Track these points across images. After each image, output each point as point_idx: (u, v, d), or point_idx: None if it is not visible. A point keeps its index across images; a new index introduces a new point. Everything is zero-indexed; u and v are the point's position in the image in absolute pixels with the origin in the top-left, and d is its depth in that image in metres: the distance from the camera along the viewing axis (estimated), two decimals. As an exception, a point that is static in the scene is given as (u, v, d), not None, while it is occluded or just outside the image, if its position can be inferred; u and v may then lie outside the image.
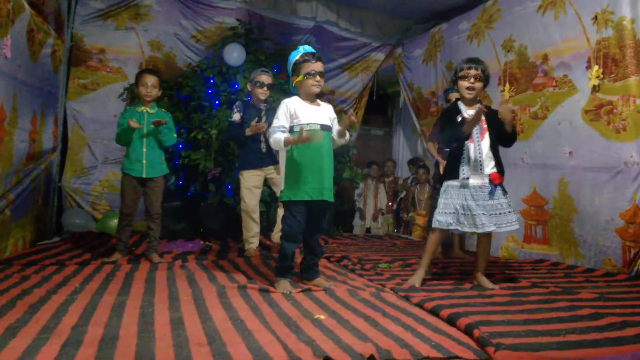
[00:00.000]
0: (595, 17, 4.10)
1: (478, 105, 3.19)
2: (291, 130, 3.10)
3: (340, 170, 5.84)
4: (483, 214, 3.15)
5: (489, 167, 3.22)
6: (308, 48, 3.16)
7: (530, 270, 4.04)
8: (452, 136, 3.28)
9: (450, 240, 4.73)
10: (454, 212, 3.19)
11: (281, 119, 3.11)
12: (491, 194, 3.19)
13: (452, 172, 3.27)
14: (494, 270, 3.86)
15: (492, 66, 5.17)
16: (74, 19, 5.61)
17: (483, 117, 3.22)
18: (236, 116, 4.20)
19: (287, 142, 3.03)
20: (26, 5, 3.96)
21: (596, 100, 4.10)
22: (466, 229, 3.20)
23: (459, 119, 3.23)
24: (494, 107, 3.41)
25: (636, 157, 3.80)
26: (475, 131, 3.21)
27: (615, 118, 3.94)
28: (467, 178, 3.20)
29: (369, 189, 7.05)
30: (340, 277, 3.54)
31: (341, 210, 6.94)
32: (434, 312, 2.56)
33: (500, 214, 3.19)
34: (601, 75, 4.04)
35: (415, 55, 6.65)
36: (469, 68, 3.22)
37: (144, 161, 3.94)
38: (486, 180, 3.20)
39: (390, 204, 7.08)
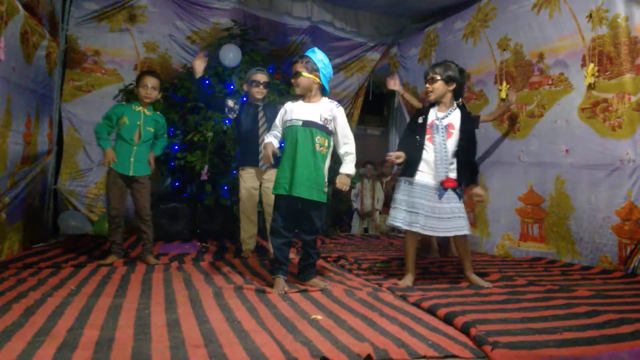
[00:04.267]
0: (590, 15, 4.10)
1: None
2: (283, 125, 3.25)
3: (337, 170, 5.82)
4: (432, 216, 3.18)
5: (449, 169, 3.22)
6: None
7: (527, 268, 4.04)
8: (408, 135, 3.41)
9: (446, 240, 4.73)
10: (408, 210, 3.23)
11: (276, 122, 3.28)
12: (440, 196, 3.20)
13: (408, 169, 3.29)
14: (491, 269, 3.87)
15: (488, 65, 5.19)
16: (69, 21, 5.59)
17: (452, 120, 3.27)
18: (230, 102, 4.22)
19: (265, 147, 3.19)
20: (20, 7, 3.95)
21: (592, 98, 4.10)
22: (417, 229, 3.20)
23: (420, 120, 3.34)
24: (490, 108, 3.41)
25: (632, 154, 3.80)
26: (442, 130, 3.25)
27: (610, 115, 3.95)
28: (421, 177, 3.24)
29: (366, 189, 7.05)
30: (337, 277, 3.53)
31: (338, 210, 6.94)
32: (431, 311, 2.56)
33: (449, 218, 3.20)
34: (596, 73, 4.04)
35: (411, 55, 6.65)
36: (427, 73, 3.36)
37: (132, 159, 3.94)
38: (438, 182, 3.22)
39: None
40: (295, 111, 3.17)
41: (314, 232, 3.22)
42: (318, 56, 3.19)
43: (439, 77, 3.28)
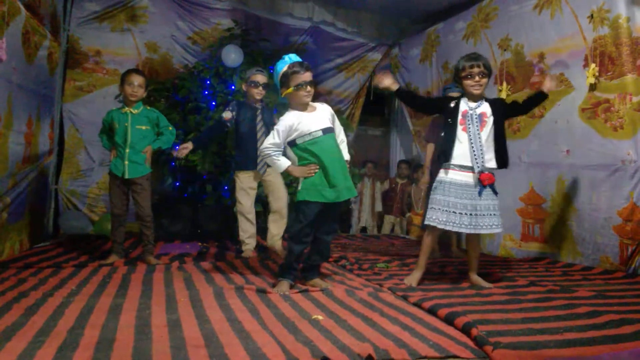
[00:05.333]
0: (592, 16, 4.10)
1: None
2: (293, 143, 3.09)
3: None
4: (470, 214, 3.15)
5: (486, 160, 3.18)
6: (294, 57, 3.12)
7: (527, 268, 4.04)
8: (446, 130, 3.30)
9: (447, 239, 4.73)
10: (446, 210, 3.19)
11: (275, 137, 3.05)
12: (480, 194, 3.17)
13: (443, 161, 3.26)
14: (492, 269, 3.87)
15: (489, 65, 5.18)
16: (70, 21, 5.59)
17: (485, 110, 3.23)
18: (227, 114, 4.19)
19: (290, 172, 3.08)
20: (22, 7, 3.95)
21: (593, 99, 4.10)
22: (456, 228, 3.19)
23: (452, 105, 3.27)
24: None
25: (633, 154, 3.80)
26: (475, 121, 3.19)
27: (612, 116, 3.95)
28: (457, 171, 3.20)
29: (366, 188, 7.04)
30: (338, 277, 3.53)
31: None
32: (432, 311, 2.55)
33: (483, 215, 3.17)
34: (598, 74, 4.04)
35: (412, 55, 6.65)
36: (472, 67, 3.21)
37: (126, 162, 3.92)
38: (475, 179, 3.18)
39: (397, 206, 7.05)
40: (307, 124, 3.06)
41: (334, 231, 3.24)
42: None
43: (487, 72, 3.22)
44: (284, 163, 3.06)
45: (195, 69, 5.96)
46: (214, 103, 5.57)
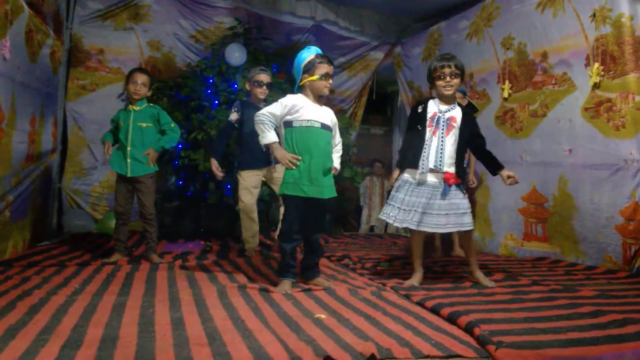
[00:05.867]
0: (594, 14, 4.09)
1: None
2: (290, 124, 3.09)
3: (340, 169, 5.83)
4: (429, 212, 3.14)
5: (446, 165, 3.19)
6: (318, 49, 3.17)
7: (530, 268, 4.03)
8: (410, 129, 3.35)
9: (449, 239, 4.73)
10: (404, 209, 3.20)
11: (276, 108, 3.08)
12: (444, 194, 3.16)
13: (411, 163, 3.26)
14: (494, 269, 3.86)
15: (492, 64, 5.18)
16: (73, 20, 5.60)
17: (454, 114, 3.24)
18: (233, 116, 4.19)
19: (271, 149, 3.06)
20: (25, 6, 3.96)
21: (595, 98, 4.09)
22: (410, 226, 3.18)
23: (419, 110, 3.29)
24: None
25: (636, 154, 3.79)
26: (442, 125, 3.21)
27: (614, 115, 3.94)
28: (424, 173, 3.20)
29: (375, 186, 7.05)
30: (341, 276, 3.53)
31: (342, 209, 6.94)
32: (435, 310, 2.55)
33: (446, 214, 3.15)
34: (602, 73, 4.03)
35: (414, 54, 6.65)
36: (442, 67, 3.22)
37: (128, 160, 3.94)
38: (440, 179, 3.19)
39: None
40: (308, 111, 3.09)
41: (322, 229, 3.25)
42: None
43: (459, 73, 3.23)
44: (272, 137, 3.05)
45: (198, 67, 5.97)
46: (216, 102, 5.58)
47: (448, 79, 3.20)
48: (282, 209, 4.28)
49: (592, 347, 2.01)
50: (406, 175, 3.28)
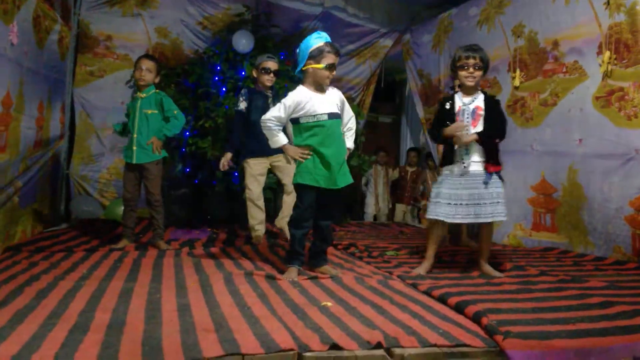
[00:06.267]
0: (608, 2, 4.02)
1: (462, 125, 3.17)
2: (297, 121, 3.07)
3: (348, 157, 5.82)
4: (476, 203, 3.14)
5: (475, 156, 3.19)
6: (328, 37, 3.10)
7: (539, 258, 4.01)
8: (436, 126, 3.34)
9: (457, 228, 4.70)
10: (447, 203, 3.19)
11: (280, 111, 3.05)
12: (485, 182, 3.16)
13: (447, 158, 3.28)
14: (502, 259, 3.84)
15: (502, 52, 5.12)
16: (81, 6, 5.58)
17: (478, 103, 3.22)
18: (242, 105, 4.17)
19: (284, 150, 3.10)
20: (32, -8, 3.95)
21: (607, 87, 4.04)
22: (458, 220, 3.19)
23: (447, 106, 3.28)
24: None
25: (647, 144, 3.75)
26: (467, 117, 3.21)
27: (626, 105, 3.88)
28: (464, 164, 3.20)
29: (379, 176, 7.03)
30: (348, 264, 3.53)
31: (348, 198, 6.93)
32: (442, 299, 2.55)
33: (490, 203, 3.16)
34: (613, 61, 3.97)
35: (424, 42, 6.58)
36: (467, 57, 3.19)
37: (134, 147, 3.95)
38: (480, 168, 3.19)
39: (407, 194, 7.05)
40: (313, 104, 3.04)
41: (333, 216, 3.25)
42: None
43: (483, 65, 3.20)
44: (282, 139, 3.08)
45: (205, 54, 5.94)
46: (224, 89, 5.55)
47: (471, 69, 3.17)
48: (285, 197, 4.29)
49: (601, 338, 2.00)
50: (446, 172, 3.29)
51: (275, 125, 3.06)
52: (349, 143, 3.24)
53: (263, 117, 3.11)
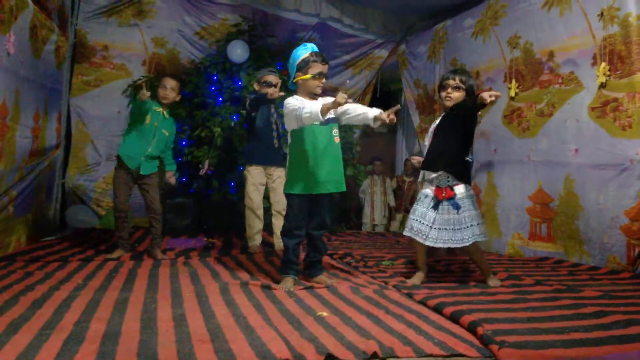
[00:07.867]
0: (601, 14, 4.06)
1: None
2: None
3: (344, 167, 5.83)
4: (454, 229, 3.14)
5: (434, 174, 3.24)
6: (314, 47, 3.12)
7: (534, 267, 4.02)
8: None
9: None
10: (420, 221, 3.23)
11: (297, 100, 3.01)
12: (454, 206, 3.16)
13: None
14: (498, 268, 3.85)
15: (498, 63, 5.15)
16: (78, 16, 5.61)
17: (437, 122, 3.35)
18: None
19: (323, 110, 2.86)
20: (29, 2, 3.96)
21: (602, 97, 4.07)
22: (429, 243, 3.18)
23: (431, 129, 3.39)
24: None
25: (642, 154, 3.77)
26: (430, 135, 3.34)
27: (621, 115, 3.91)
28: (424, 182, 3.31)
29: (376, 185, 7.03)
30: (343, 274, 3.53)
31: (344, 207, 6.92)
32: (437, 309, 2.55)
33: (452, 229, 3.15)
34: (608, 72, 4.01)
35: (419, 52, 6.62)
36: (448, 79, 3.28)
37: (143, 158, 3.98)
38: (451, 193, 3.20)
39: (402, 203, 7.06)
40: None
41: (326, 226, 3.24)
42: None
43: (463, 87, 3.24)
44: (315, 105, 2.89)
45: (202, 64, 5.96)
46: (220, 99, 5.58)
47: (449, 90, 3.25)
48: (274, 220, 4.33)
49: (595, 347, 2.00)
50: (425, 190, 3.34)
51: (304, 108, 2.90)
52: (364, 108, 3.13)
53: (296, 113, 2.92)
